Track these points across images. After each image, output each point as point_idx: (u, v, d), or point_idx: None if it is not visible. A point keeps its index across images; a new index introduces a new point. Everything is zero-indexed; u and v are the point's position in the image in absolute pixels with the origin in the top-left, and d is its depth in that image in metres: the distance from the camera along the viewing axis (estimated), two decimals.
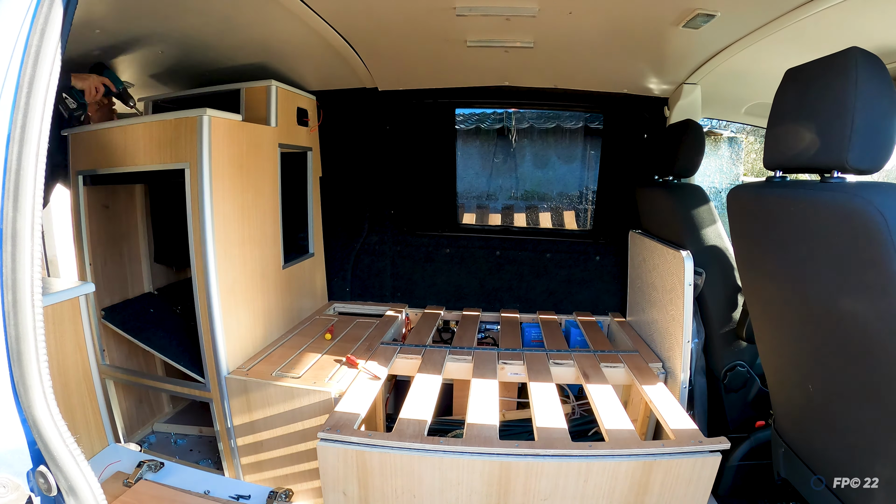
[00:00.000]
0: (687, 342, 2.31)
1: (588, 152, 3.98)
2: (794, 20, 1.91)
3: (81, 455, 0.92)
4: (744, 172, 10.56)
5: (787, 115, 1.47)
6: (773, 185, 1.55)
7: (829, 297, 1.38)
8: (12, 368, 0.87)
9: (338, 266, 3.54)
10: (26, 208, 0.85)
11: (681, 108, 2.93)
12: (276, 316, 2.77)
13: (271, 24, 2.36)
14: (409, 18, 2.32)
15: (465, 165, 4.10)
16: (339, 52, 2.68)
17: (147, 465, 1.56)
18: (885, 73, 1.25)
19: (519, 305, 3.46)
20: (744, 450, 2.20)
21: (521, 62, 2.79)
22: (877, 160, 1.28)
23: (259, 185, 2.57)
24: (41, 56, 0.85)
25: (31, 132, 0.85)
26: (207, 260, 2.21)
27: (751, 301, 1.91)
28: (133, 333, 2.53)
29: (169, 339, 2.56)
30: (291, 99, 2.91)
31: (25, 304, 0.86)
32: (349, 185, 3.46)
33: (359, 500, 1.83)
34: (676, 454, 1.73)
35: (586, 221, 3.84)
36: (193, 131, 2.16)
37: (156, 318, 2.74)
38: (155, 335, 2.56)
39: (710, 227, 2.48)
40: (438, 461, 1.74)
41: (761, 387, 2.42)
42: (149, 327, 2.62)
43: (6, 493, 0.91)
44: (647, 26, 2.26)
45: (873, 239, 1.15)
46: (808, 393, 1.61)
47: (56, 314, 1.56)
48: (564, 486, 1.73)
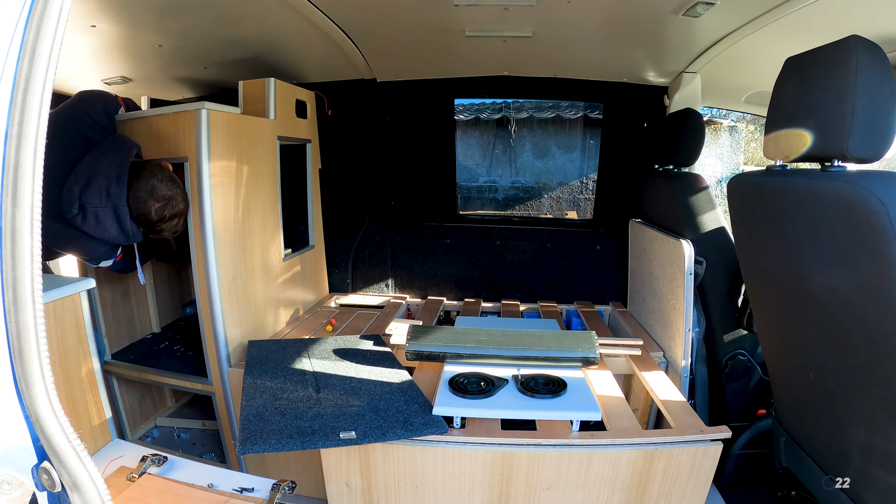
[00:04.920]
0: (688, 331, 2.31)
1: (588, 142, 3.97)
2: (794, 8, 1.90)
3: (85, 451, 0.92)
4: (744, 161, 10.52)
5: (788, 103, 1.47)
6: (773, 174, 1.55)
7: (830, 286, 1.38)
8: (14, 365, 0.88)
9: (338, 258, 3.54)
10: (25, 205, 0.85)
11: (681, 96, 2.92)
12: (277, 308, 2.77)
13: (269, 17, 2.35)
14: (407, 9, 2.30)
15: (465, 156, 4.10)
16: (337, 43, 2.67)
17: (150, 460, 1.56)
18: (886, 62, 1.24)
19: (520, 295, 3.46)
20: (745, 438, 2.21)
21: (519, 52, 2.77)
22: (877, 149, 1.28)
23: (259, 178, 2.57)
24: (37, 52, 0.85)
25: (28, 129, 0.84)
26: (208, 253, 2.21)
27: (751, 290, 1.91)
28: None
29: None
30: (290, 91, 2.90)
31: (26, 301, 0.86)
32: (349, 177, 3.45)
33: (361, 492, 1.85)
34: (678, 443, 1.73)
35: (587, 211, 3.84)
36: (192, 125, 2.15)
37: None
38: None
39: (710, 216, 2.47)
40: (441, 452, 1.75)
41: (762, 375, 2.43)
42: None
43: (10, 490, 0.91)
44: (647, 15, 2.24)
45: (874, 227, 1.15)
46: (809, 381, 1.62)
47: (57, 310, 1.56)
48: (566, 475, 1.74)
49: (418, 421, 1.77)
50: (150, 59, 2.78)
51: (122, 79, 3.00)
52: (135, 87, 3.11)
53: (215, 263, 2.23)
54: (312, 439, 1.67)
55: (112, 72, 2.90)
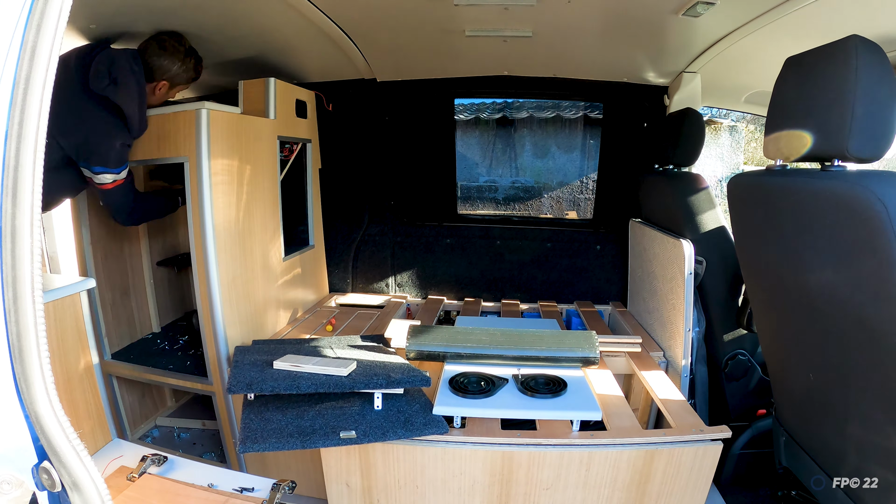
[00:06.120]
0: (688, 331, 2.31)
1: (588, 141, 3.97)
2: (795, 8, 1.90)
3: (85, 450, 0.92)
4: (744, 161, 10.52)
5: (788, 103, 1.47)
6: (773, 174, 1.55)
7: (829, 286, 1.38)
8: (14, 365, 0.88)
9: (338, 257, 3.54)
10: (25, 205, 0.85)
11: (681, 96, 2.92)
12: (277, 308, 2.77)
13: (269, 17, 2.35)
14: (407, 9, 2.30)
15: (465, 155, 4.10)
16: (337, 43, 2.67)
17: (151, 460, 1.57)
18: (886, 61, 1.24)
19: (520, 295, 3.46)
20: (745, 438, 2.21)
21: (520, 51, 2.77)
22: (877, 148, 1.28)
23: (259, 178, 2.57)
24: (37, 52, 0.85)
25: (28, 129, 0.84)
26: (208, 253, 2.21)
27: (751, 289, 1.91)
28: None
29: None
30: (290, 91, 2.90)
31: (26, 301, 0.86)
32: (349, 177, 3.45)
33: (362, 492, 1.85)
34: (678, 443, 1.73)
35: (587, 211, 3.84)
36: (192, 125, 2.15)
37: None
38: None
39: (710, 216, 2.47)
40: (441, 451, 1.75)
41: (762, 375, 2.43)
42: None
43: (11, 490, 0.91)
44: (647, 14, 2.24)
45: (874, 227, 1.15)
46: (809, 381, 1.62)
47: (57, 310, 1.56)
48: (567, 475, 1.74)
49: (419, 420, 1.77)
50: None
51: None
52: None
53: (215, 263, 2.23)
54: (313, 438, 1.67)
55: None
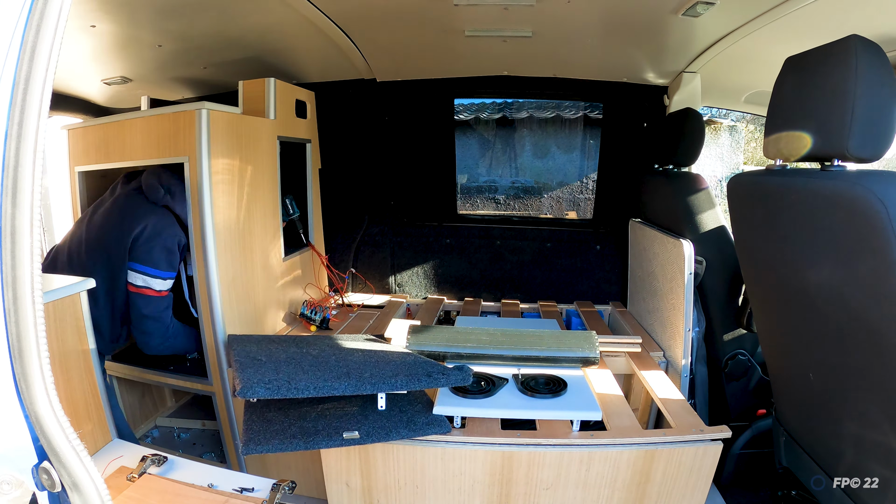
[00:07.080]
0: (688, 331, 2.31)
1: (588, 141, 3.97)
2: (794, 8, 1.90)
3: (85, 451, 0.92)
4: (744, 161, 10.53)
5: (787, 103, 1.47)
6: (773, 174, 1.55)
7: (829, 286, 1.38)
8: (14, 365, 0.88)
9: (338, 257, 3.54)
10: (25, 205, 0.85)
11: (680, 96, 2.92)
12: (277, 308, 2.77)
13: (269, 17, 2.35)
14: (406, 8, 2.30)
15: (465, 155, 4.09)
16: (337, 43, 2.67)
17: (150, 460, 1.56)
18: (886, 61, 1.24)
19: (520, 295, 3.46)
20: (745, 438, 2.21)
21: (519, 52, 2.78)
22: (877, 148, 1.28)
23: (259, 178, 2.57)
24: (37, 52, 0.85)
25: (28, 129, 0.84)
26: (208, 253, 2.21)
27: (751, 289, 1.91)
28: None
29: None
30: (290, 91, 2.90)
31: (26, 302, 0.86)
32: (349, 177, 3.45)
33: (361, 492, 1.85)
34: (678, 443, 1.73)
35: (587, 211, 3.84)
36: (192, 125, 2.15)
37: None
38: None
39: (710, 216, 2.47)
40: (441, 451, 1.75)
41: (762, 375, 2.43)
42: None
43: (10, 490, 0.91)
44: (647, 14, 2.24)
45: (874, 227, 1.15)
46: (809, 381, 1.62)
47: (57, 310, 1.56)
48: (566, 475, 1.74)
49: (421, 420, 1.77)
50: (150, 59, 2.78)
51: (121, 79, 2.99)
52: (134, 87, 3.11)
53: (215, 263, 2.23)
54: (316, 439, 1.67)
55: (112, 72, 2.90)
